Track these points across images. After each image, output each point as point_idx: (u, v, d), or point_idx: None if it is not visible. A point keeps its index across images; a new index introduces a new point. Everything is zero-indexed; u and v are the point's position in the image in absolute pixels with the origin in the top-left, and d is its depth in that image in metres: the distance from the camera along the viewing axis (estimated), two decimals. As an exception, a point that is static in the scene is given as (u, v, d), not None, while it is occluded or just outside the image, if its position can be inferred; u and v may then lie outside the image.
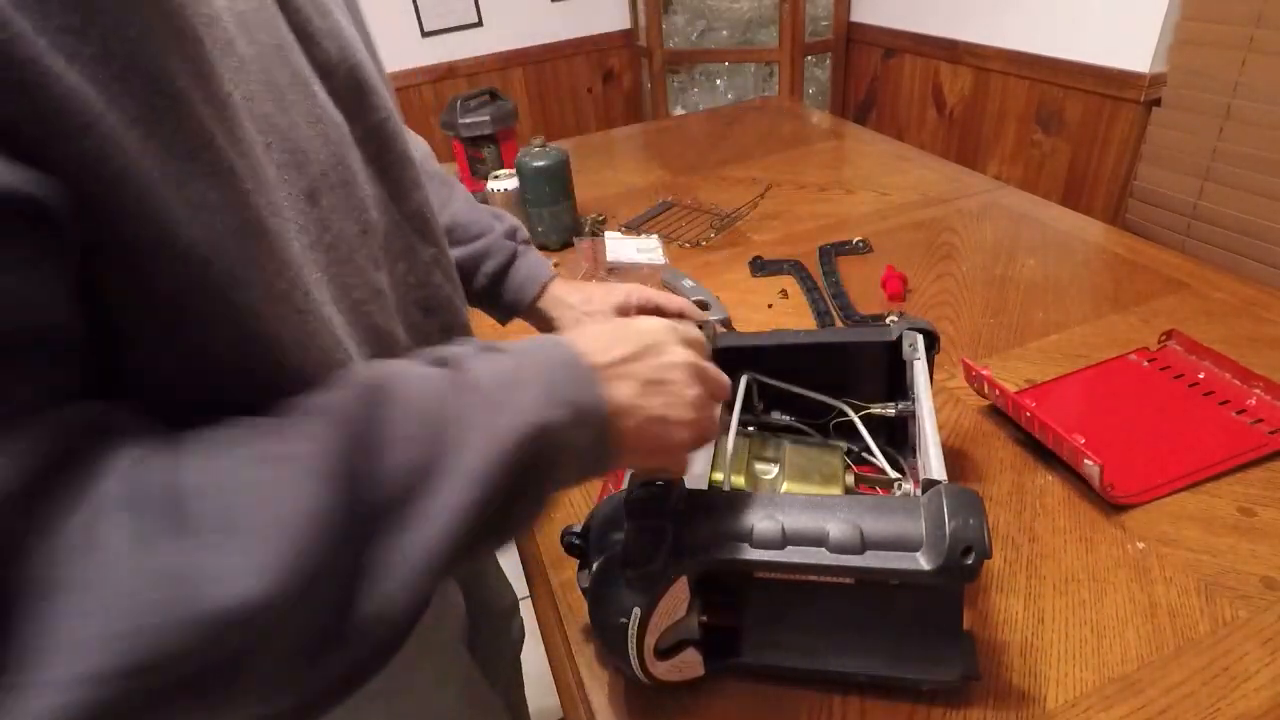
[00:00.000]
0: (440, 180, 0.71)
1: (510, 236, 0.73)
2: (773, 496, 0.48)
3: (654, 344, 0.42)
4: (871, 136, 1.63)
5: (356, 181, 0.43)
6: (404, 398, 0.33)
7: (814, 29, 2.45)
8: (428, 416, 0.33)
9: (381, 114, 0.46)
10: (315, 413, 0.32)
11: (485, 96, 1.44)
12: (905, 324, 0.64)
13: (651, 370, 0.41)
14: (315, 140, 0.39)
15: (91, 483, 0.26)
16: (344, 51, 0.43)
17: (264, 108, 0.35)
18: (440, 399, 0.34)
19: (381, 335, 0.44)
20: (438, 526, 0.31)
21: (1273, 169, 1.38)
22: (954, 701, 0.51)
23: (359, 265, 0.42)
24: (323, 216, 0.39)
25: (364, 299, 0.42)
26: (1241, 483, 0.66)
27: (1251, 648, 0.53)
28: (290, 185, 0.36)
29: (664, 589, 0.45)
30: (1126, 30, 1.59)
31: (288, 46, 0.38)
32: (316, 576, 0.28)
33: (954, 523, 0.42)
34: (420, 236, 0.50)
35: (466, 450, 0.32)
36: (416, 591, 0.31)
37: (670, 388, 0.41)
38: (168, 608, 0.25)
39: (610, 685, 0.56)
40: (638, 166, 1.56)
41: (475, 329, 1.04)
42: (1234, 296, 0.92)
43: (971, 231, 1.15)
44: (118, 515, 0.26)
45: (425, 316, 0.51)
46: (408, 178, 0.48)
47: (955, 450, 0.73)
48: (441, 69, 2.54)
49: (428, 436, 0.32)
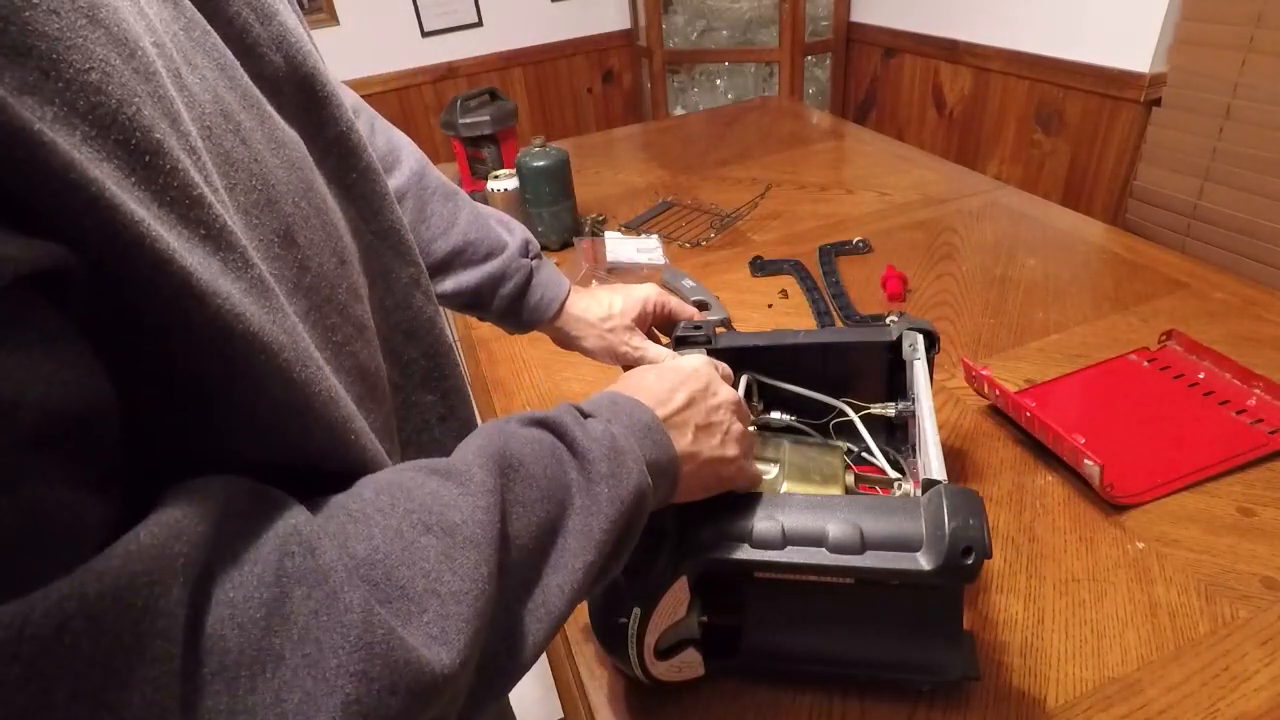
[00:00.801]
0: (443, 196, 0.67)
1: (524, 252, 0.70)
2: (773, 496, 0.48)
3: (703, 388, 0.46)
4: (871, 136, 1.63)
5: (327, 207, 0.38)
6: (529, 470, 0.35)
7: (814, 29, 2.45)
8: (552, 485, 0.35)
9: (341, 125, 0.41)
10: (454, 480, 0.32)
11: (485, 96, 1.44)
12: (905, 324, 0.64)
13: (703, 415, 0.45)
14: (280, 170, 0.34)
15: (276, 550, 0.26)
16: (293, 60, 0.38)
17: (224, 143, 0.30)
18: (559, 467, 0.36)
19: (366, 374, 0.40)
20: (564, 590, 0.34)
21: (1273, 169, 1.38)
22: (954, 702, 0.51)
23: (340, 302, 0.37)
24: (301, 257, 0.34)
25: (347, 339, 0.38)
26: (1241, 483, 0.66)
27: (1251, 648, 0.53)
28: (262, 229, 0.31)
29: (664, 589, 0.45)
30: (1126, 30, 1.59)
31: (229, 65, 0.33)
32: (483, 641, 0.30)
33: (954, 523, 0.42)
34: (396, 255, 0.46)
35: (591, 516, 0.36)
36: (543, 642, 0.34)
37: (718, 429, 0.45)
38: (387, 679, 0.25)
39: (610, 685, 0.56)
40: (638, 166, 1.56)
41: (480, 330, 1.04)
42: (1234, 296, 0.92)
43: (971, 231, 1.15)
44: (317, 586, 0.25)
45: (407, 342, 0.47)
46: (376, 193, 0.44)
47: (955, 450, 0.73)
48: (441, 69, 2.54)
49: (555, 502, 0.35)
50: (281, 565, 0.25)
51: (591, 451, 0.37)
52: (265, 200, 0.32)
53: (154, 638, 0.21)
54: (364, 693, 0.25)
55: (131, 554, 0.22)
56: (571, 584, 0.34)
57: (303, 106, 0.39)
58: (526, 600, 0.33)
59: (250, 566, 0.25)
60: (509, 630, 0.32)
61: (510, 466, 0.34)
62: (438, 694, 0.27)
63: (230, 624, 0.24)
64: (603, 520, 0.35)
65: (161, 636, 0.22)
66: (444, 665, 0.27)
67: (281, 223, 0.33)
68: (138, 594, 0.21)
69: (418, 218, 0.65)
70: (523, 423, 0.38)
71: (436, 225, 0.66)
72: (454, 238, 0.66)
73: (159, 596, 0.22)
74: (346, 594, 0.26)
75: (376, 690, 0.25)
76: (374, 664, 0.25)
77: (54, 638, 0.19)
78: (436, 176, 0.68)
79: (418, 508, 0.30)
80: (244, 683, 0.23)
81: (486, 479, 0.33)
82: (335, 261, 0.38)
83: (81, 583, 0.20)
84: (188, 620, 0.23)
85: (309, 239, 0.35)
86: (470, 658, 0.29)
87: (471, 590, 0.29)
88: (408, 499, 0.31)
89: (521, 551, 0.33)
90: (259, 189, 0.32)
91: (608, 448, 0.37)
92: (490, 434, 0.36)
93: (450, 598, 0.29)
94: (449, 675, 0.27)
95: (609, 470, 0.36)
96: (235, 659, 0.23)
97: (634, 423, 0.40)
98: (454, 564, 0.29)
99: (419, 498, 0.31)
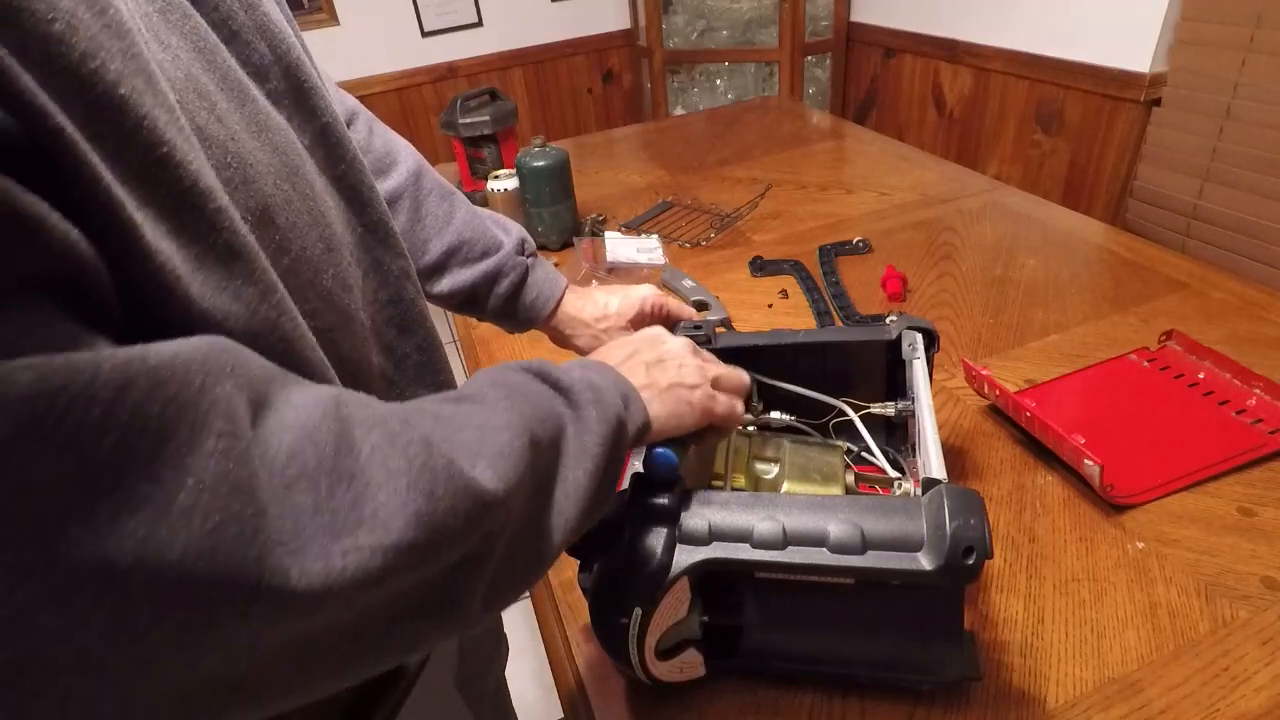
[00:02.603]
0: (439, 196, 0.67)
1: (520, 251, 0.70)
2: (773, 496, 0.48)
3: (649, 340, 0.52)
4: (871, 136, 1.63)
5: (315, 192, 0.39)
6: (529, 399, 0.39)
7: (814, 29, 2.45)
8: (549, 411, 0.39)
9: (326, 117, 0.42)
10: (469, 400, 0.37)
11: (485, 96, 1.44)
12: (904, 323, 0.64)
13: (652, 356, 0.50)
14: (261, 151, 0.34)
15: (338, 403, 0.29)
16: (277, 49, 0.39)
17: (196, 119, 0.30)
18: (549, 399, 0.40)
19: (348, 364, 0.40)
20: (571, 498, 0.38)
21: (1273, 169, 1.38)
22: (954, 701, 0.51)
23: (325, 289, 0.38)
24: (280, 238, 0.34)
25: (329, 326, 0.38)
26: (1241, 483, 0.66)
27: (1251, 648, 0.53)
28: (238, 206, 0.31)
29: (665, 590, 0.45)
30: (1126, 30, 1.59)
31: (211, 48, 0.34)
32: (523, 493, 0.35)
33: (955, 523, 0.42)
34: (386, 248, 0.46)
35: (585, 435, 0.40)
36: (562, 543, 0.38)
37: (671, 363, 0.50)
38: (449, 486, 0.30)
39: (610, 685, 0.56)
40: (638, 166, 1.56)
41: (478, 329, 1.04)
42: (1234, 296, 0.92)
43: (971, 231, 1.15)
44: (376, 427, 0.29)
45: (400, 336, 0.47)
46: (366, 185, 0.44)
47: (955, 450, 0.73)
48: (441, 69, 2.54)
49: (554, 426, 0.39)
50: (339, 410, 0.28)
51: (574, 386, 0.41)
52: (241, 178, 0.32)
53: (216, 416, 0.24)
54: (431, 509, 0.29)
55: (182, 348, 0.24)
56: (578, 494, 0.38)
57: (290, 95, 0.39)
58: (547, 498, 0.37)
59: (311, 407, 0.28)
60: (536, 517, 0.37)
61: (513, 391, 0.38)
62: (489, 513, 0.32)
63: (306, 442, 0.26)
64: (595, 437, 0.40)
65: (223, 417, 0.24)
66: (499, 487, 0.32)
67: (259, 201, 0.33)
68: (193, 374, 0.23)
69: (413, 218, 0.65)
70: (502, 370, 0.41)
71: (431, 225, 0.66)
72: (449, 236, 0.66)
73: (213, 384, 0.24)
74: (406, 433, 0.30)
75: (441, 506, 0.29)
76: (437, 485, 0.29)
77: (122, 389, 0.21)
78: (433, 178, 0.68)
79: (449, 401, 0.36)
80: (324, 488, 0.26)
81: (498, 397, 0.37)
82: (321, 247, 0.38)
83: (142, 353, 0.22)
84: (251, 418, 0.25)
85: (290, 221, 0.35)
86: (513, 490, 0.33)
87: (512, 429, 0.35)
88: (437, 407, 0.35)
89: (540, 447, 0.36)
90: (234, 166, 0.32)
91: (585, 383, 0.42)
92: (479, 376, 0.40)
93: (495, 432, 0.34)
94: (499, 499, 0.32)
95: (592, 398, 0.41)
96: (315, 469, 0.26)
97: (597, 368, 0.45)
98: (494, 416, 0.35)
99: (444, 406, 0.35)
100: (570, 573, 0.64)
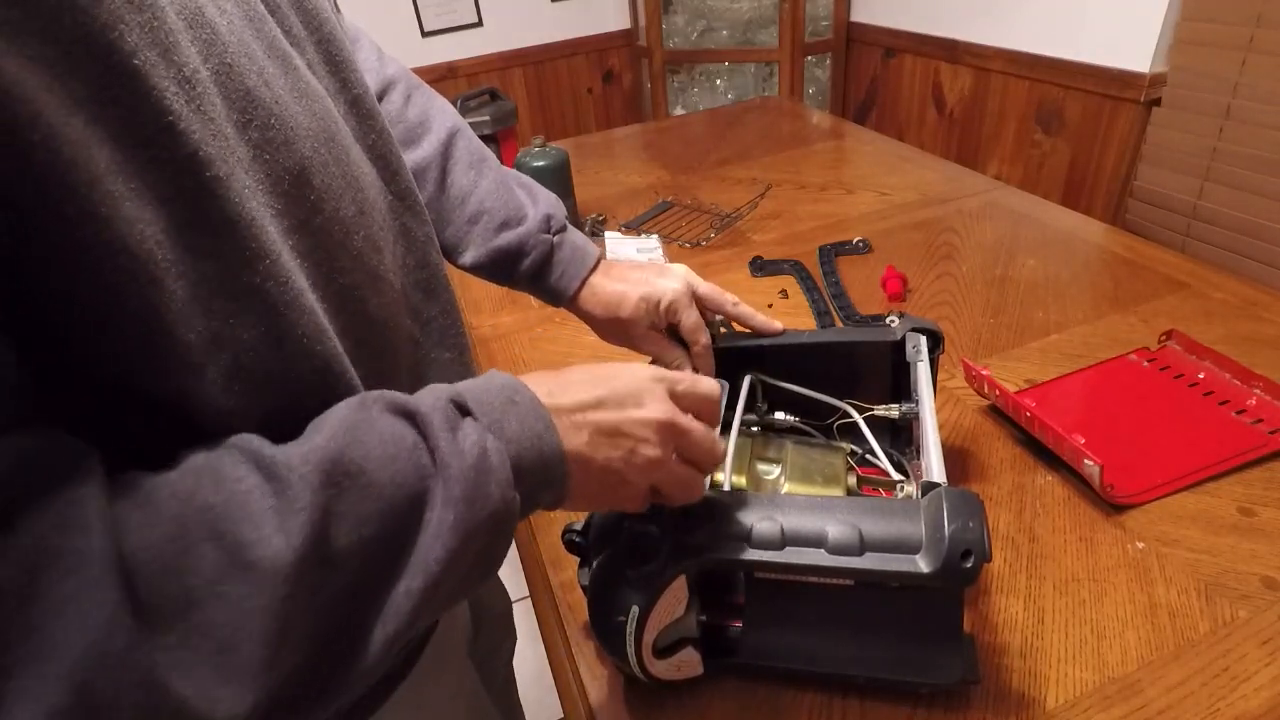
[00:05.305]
0: (466, 164, 0.66)
1: (545, 228, 0.66)
2: (773, 497, 0.48)
3: (628, 394, 0.41)
4: (871, 136, 1.63)
5: (350, 159, 0.40)
6: (371, 479, 0.31)
7: (814, 29, 2.45)
8: (399, 496, 0.32)
9: (358, 89, 0.44)
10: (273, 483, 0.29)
11: (485, 96, 1.44)
12: (909, 324, 0.63)
13: (613, 421, 0.40)
14: (302, 115, 0.36)
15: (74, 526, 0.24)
16: (313, 23, 0.41)
17: (246, 81, 0.32)
18: (414, 473, 0.33)
19: (375, 325, 0.40)
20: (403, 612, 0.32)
21: (1273, 169, 1.38)
22: (954, 702, 0.51)
23: (355, 249, 0.39)
24: (315, 198, 0.36)
25: (356, 285, 0.39)
26: (1241, 483, 0.66)
27: (1251, 648, 0.53)
28: (271, 165, 0.33)
29: (663, 587, 0.45)
30: (1126, 30, 1.59)
31: (259, 17, 0.36)
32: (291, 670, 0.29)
33: (953, 526, 0.42)
34: (413, 214, 0.48)
35: (436, 540, 0.32)
36: (390, 643, 0.31)
37: (625, 441, 0.40)
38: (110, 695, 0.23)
39: (610, 684, 0.56)
40: (638, 166, 1.56)
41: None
42: (1234, 296, 0.92)
43: (971, 231, 1.15)
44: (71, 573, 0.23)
45: (426, 300, 0.48)
46: (394, 154, 0.46)
47: (955, 450, 0.73)
48: (441, 69, 2.54)
49: (399, 516, 0.32)
50: (46, 539, 0.23)
51: (452, 467, 0.33)
52: (282, 139, 0.34)
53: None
54: (74, 705, 0.22)
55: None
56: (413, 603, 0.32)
57: (325, 66, 0.42)
58: (365, 606, 0.31)
59: (16, 531, 0.23)
60: (337, 635, 0.30)
61: (347, 474, 0.30)
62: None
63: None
64: (440, 550, 0.32)
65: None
66: (191, 696, 0.25)
67: (297, 163, 0.35)
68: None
69: (439, 189, 0.65)
70: (391, 409, 0.34)
71: (455, 196, 0.66)
72: (470, 207, 0.65)
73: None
74: (97, 591, 0.23)
75: (93, 707, 0.22)
76: (100, 677, 0.23)
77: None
78: (465, 146, 0.67)
79: (219, 504, 0.28)
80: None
81: (303, 493, 0.29)
82: (354, 210, 0.39)
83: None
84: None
85: (325, 184, 0.37)
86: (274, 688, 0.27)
87: (271, 627, 0.27)
88: (214, 489, 0.28)
89: (346, 565, 0.30)
90: (276, 128, 0.34)
91: (472, 464, 0.33)
92: (345, 422, 0.33)
93: (215, 620, 0.26)
94: (193, 708, 0.25)
95: (463, 493, 0.33)
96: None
97: (522, 430, 0.36)
98: (227, 585, 0.26)
99: (225, 492, 0.28)
100: (570, 573, 0.64)
